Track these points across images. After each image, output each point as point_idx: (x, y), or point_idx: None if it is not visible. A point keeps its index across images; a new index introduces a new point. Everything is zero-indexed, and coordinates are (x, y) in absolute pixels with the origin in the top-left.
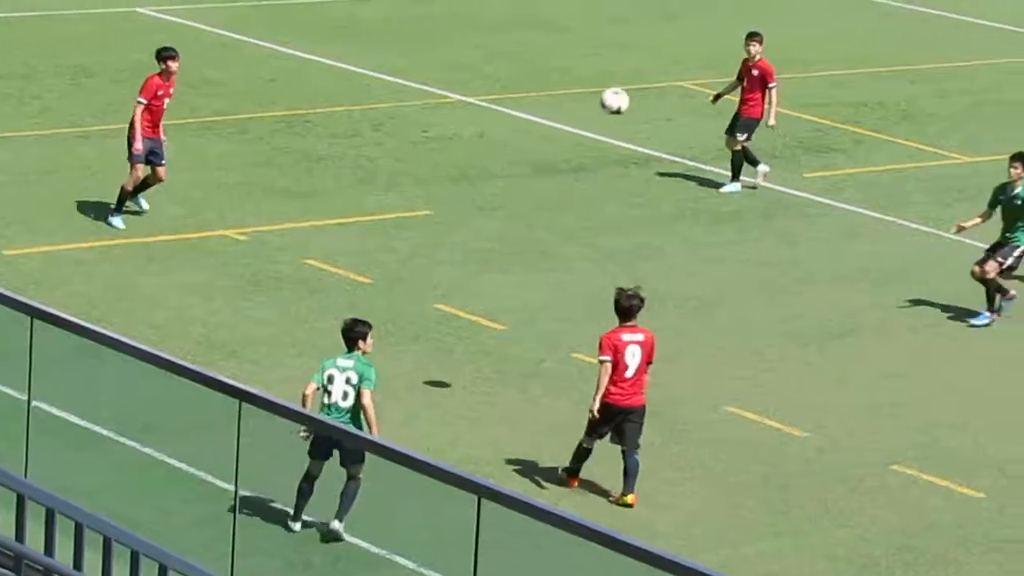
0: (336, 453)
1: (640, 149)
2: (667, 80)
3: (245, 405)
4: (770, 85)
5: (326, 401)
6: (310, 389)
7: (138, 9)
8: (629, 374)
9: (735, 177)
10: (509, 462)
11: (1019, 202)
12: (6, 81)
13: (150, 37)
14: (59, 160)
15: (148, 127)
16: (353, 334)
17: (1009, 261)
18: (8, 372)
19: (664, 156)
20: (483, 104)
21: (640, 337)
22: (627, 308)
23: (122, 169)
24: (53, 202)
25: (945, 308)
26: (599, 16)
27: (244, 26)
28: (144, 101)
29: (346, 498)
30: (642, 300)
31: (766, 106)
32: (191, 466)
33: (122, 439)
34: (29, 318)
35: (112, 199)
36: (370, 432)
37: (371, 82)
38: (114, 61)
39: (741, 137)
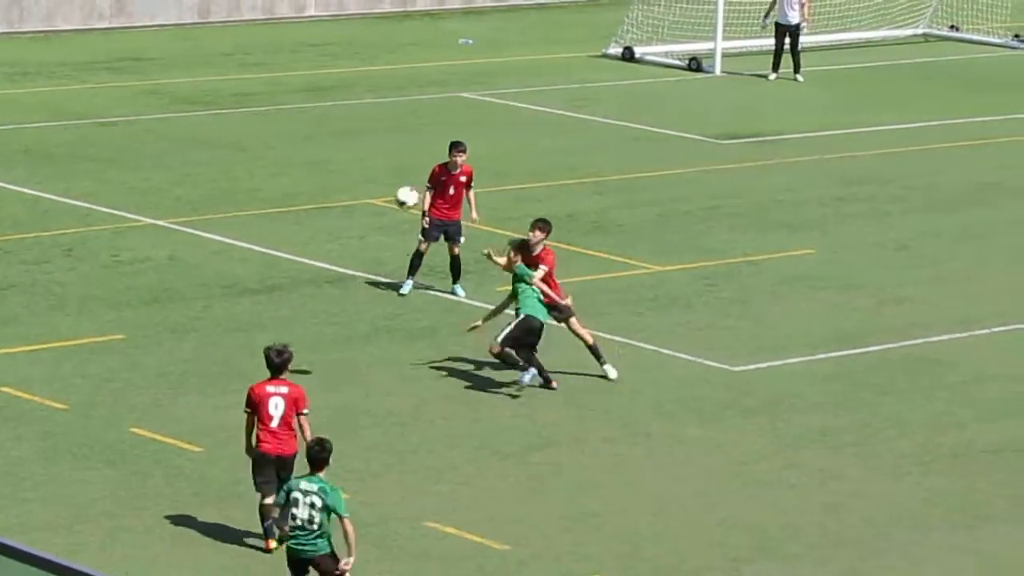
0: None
1: (333, 267)
2: (356, 198)
3: None
4: (472, 187)
5: (292, 523)
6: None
7: None
8: (274, 424)
9: (458, 278)
10: None
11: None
12: None
13: None
14: None
15: None
16: (322, 455)
17: (505, 333)
18: None
19: (357, 274)
20: (173, 227)
21: (284, 390)
22: (278, 365)
23: None
24: None
25: (641, 418)
26: (282, 135)
27: None
28: None
29: None
30: (291, 355)
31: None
32: None
33: None
34: None
35: None
36: (349, 553)
37: (59, 207)
38: None
39: (462, 240)
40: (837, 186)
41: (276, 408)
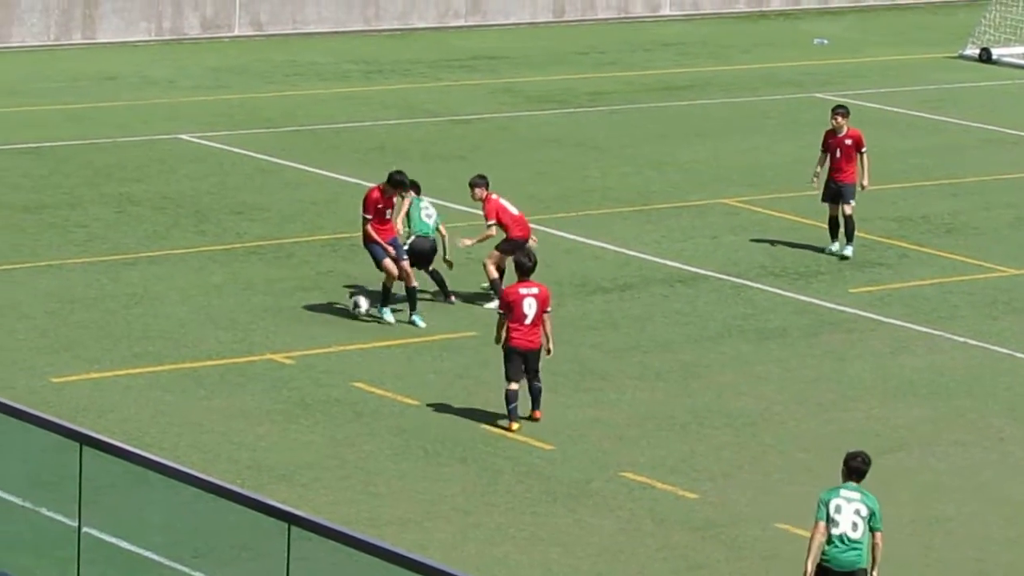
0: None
1: (685, 267)
2: (709, 198)
3: (294, 528)
4: (863, 151)
5: (834, 532)
6: (820, 531)
7: (181, 136)
8: (527, 322)
9: (850, 240)
10: None
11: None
12: (52, 211)
13: (193, 164)
14: (105, 287)
15: (380, 231)
16: (864, 467)
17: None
18: (58, 499)
19: (709, 274)
20: None
21: (535, 291)
22: (529, 268)
23: (166, 295)
24: (100, 329)
25: (994, 422)
26: (636, 135)
27: (284, 151)
28: (368, 216)
29: None
30: (535, 261)
31: (859, 171)
32: None
33: (172, 564)
34: (78, 445)
35: (158, 323)
36: (873, 567)
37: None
38: (159, 188)
39: (854, 202)
40: None
41: (530, 308)
